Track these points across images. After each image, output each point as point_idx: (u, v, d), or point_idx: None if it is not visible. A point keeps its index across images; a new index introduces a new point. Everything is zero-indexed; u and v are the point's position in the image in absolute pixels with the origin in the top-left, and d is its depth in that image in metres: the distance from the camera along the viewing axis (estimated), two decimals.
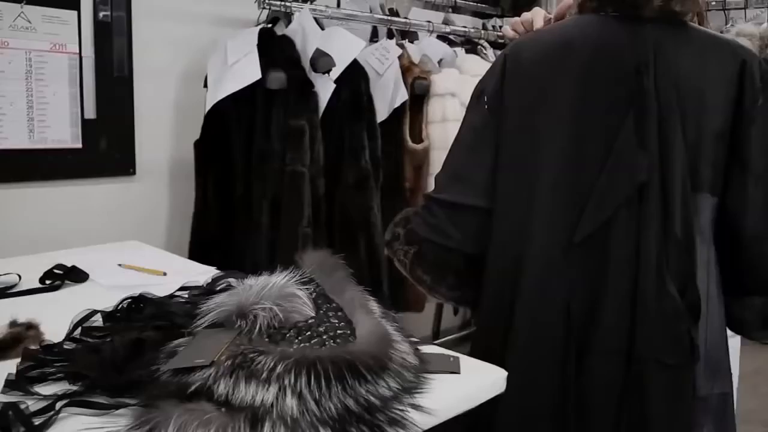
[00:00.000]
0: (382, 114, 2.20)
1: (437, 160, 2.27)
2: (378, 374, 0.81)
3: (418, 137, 2.26)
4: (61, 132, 2.11)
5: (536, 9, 1.62)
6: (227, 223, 2.05)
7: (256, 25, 2.11)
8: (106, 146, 2.19)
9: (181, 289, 1.21)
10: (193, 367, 0.79)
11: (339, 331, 0.89)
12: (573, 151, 1.11)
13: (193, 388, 0.76)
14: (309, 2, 2.19)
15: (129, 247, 1.68)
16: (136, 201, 2.25)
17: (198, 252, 2.07)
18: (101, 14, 2.13)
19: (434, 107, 2.28)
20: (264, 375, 0.76)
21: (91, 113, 2.16)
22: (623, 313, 1.08)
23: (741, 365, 3.38)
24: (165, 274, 1.41)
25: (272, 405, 0.74)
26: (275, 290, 0.91)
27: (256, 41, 1.95)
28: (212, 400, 0.75)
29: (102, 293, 1.25)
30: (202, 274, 1.32)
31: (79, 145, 2.14)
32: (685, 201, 1.08)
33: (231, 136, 2.03)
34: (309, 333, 0.86)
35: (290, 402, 0.74)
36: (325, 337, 0.86)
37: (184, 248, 2.14)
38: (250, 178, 1.98)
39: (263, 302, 0.88)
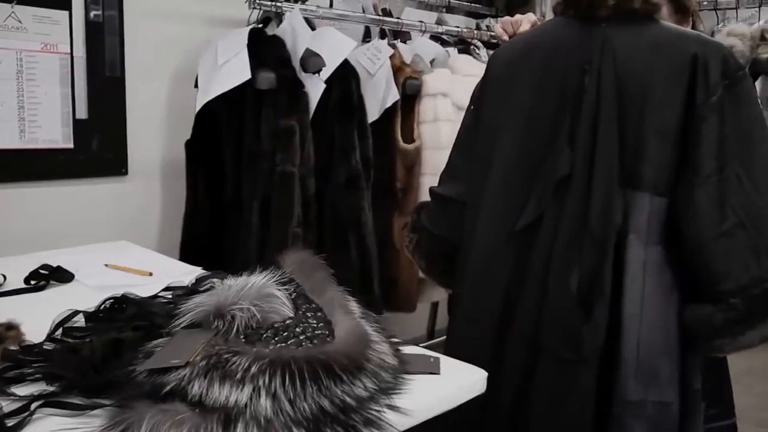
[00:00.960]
0: (373, 114, 2.20)
1: (429, 160, 2.28)
2: (354, 374, 0.81)
3: (409, 137, 2.26)
4: (53, 132, 2.11)
5: (529, 14, 1.64)
6: (218, 223, 2.05)
7: (248, 26, 2.11)
8: (97, 146, 2.19)
9: (166, 289, 1.21)
10: (169, 367, 0.79)
11: (317, 332, 0.89)
12: (523, 146, 1.20)
13: (167, 388, 0.77)
14: (299, 2, 2.19)
15: (117, 248, 1.68)
16: (128, 201, 2.26)
17: (189, 252, 2.07)
18: (92, 14, 2.13)
19: (426, 107, 2.28)
20: (238, 375, 0.76)
21: (82, 113, 2.16)
22: (535, 302, 1.14)
23: (735, 365, 3.38)
24: (151, 274, 1.41)
25: (246, 405, 0.74)
26: (254, 291, 0.91)
27: (246, 41, 1.95)
28: (186, 401, 0.75)
29: (87, 293, 1.25)
30: (188, 274, 1.32)
31: (71, 145, 2.15)
32: (607, 198, 1.09)
33: (221, 136, 2.03)
34: (286, 333, 0.86)
35: (264, 402, 0.74)
36: (302, 337, 0.86)
37: (176, 248, 2.14)
38: (240, 179, 1.98)
39: (241, 303, 0.88)
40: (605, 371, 1.10)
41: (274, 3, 2.10)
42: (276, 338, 0.85)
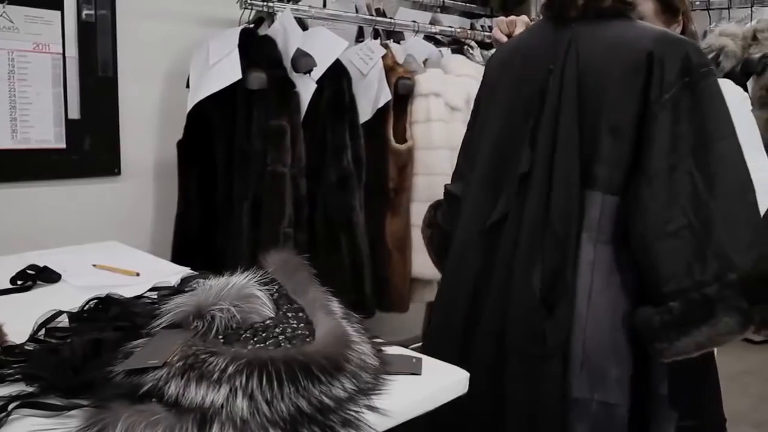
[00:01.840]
0: (366, 114, 2.20)
1: (421, 160, 2.27)
2: (332, 375, 0.81)
3: (401, 137, 2.26)
4: (45, 132, 2.11)
5: (522, 16, 1.66)
6: (209, 223, 2.05)
7: (239, 26, 2.10)
8: (90, 146, 2.19)
9: (152, 289, 1.21)
10: (147, 368, 0.79)
11: (297, 332, 0.89)
12: (499, 146, 1.24)
13: (144, 389, 0.77)
14: (291, 2, 2.19)
15: (105, 248, 1.68)
16: (121, 201, 2.26)
17: (181, 252, 2.07)
18: (84, 13, 2.13)
19: (418, 107, 2.28)
20: (215, 376, 0.76)
21: (75, 113, 2.16)
22: (501, 299, 1.16)
23: (731, 365, 3.39)
24: (138, 274, 1.41)
25: (222, 406, 0.74)
26: (234, 291, 0.92)
27: (237, 41, 1.95)
28: (163, 401, 0.75)
29: (73, 294, 1.25)
30: (176, 274, 1.31)
31: (63, 146, 2.15)
32: (568, 197, 1.10)
33: (213, 136, 2.03)
34: (265, 334, 0.86)
35: (241, 403, 0.74)
36: (281, 338, 0.86)
37: (169, 248, 2.14)
38: (232, 179, 1.98)
39: (221, 303, 0.88)
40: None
41: (265, 3, 2.10)
42: (255, 338, 0.85)
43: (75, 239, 1.81)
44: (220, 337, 0.85)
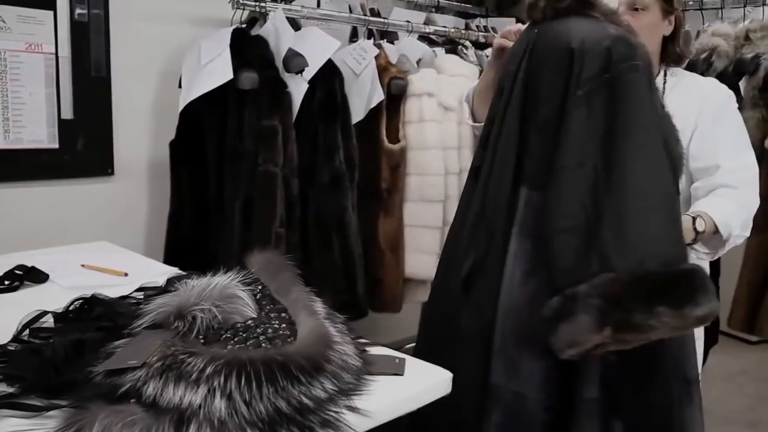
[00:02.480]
0: (359, 114, 2.20)
1: (414, 161, 2.27)
2: (312, 375, 0.81)
3: (395, 137, 2.25)
4: (38, 132, 2.11)
5: (518, 24, 1.68)
6: (201, 223, 2.05)
7: (232, 26, 2.10)
8: (83, 146, 2.19)
9: (138, 289, 1.22)
10: (126, 368, 0.79)
11: (279, 332, 0.89)
12: (480, 146, 1.30)
13: (123, 389, 0.77)
14: (283, 2, 2.18)
15: (96, 248, 1.68)
16: (114, 201, 2.25)
17: (173, 253, 2.07)
18: (77, 12, 2.13)
19: (411, 107, 2.27)
20: (193, 376, 0.76)
21: (68, 113, 2.16)
22: (452, 284, 1.24)
23: (727, 365, 3.39)
24: (126, 274, 1.41)
25: (200, 406, 0.74)
26: (217, 291, 0.92)
27: (229, 41, 1.94)
28: (141, 402, 0.75)
29: (60, 294, 1.25)
30: (164, 274, 1.31)
31: (56, 146, 2.14)
32: (499, 191, 1.15)
33: (205, 136, 2.02)
34: (246, 334, 0.86)
35: (219, 403, 0.74)
36: (262, 338, 0.86)
37: (163, 248, 2.14)
38: (223, 179, 1.98)
39: (203, 303, 0.88)
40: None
41: (257, 3, 2.09)
42: (235, 339, 0.85)
43: (68, 239, 1.81)
44: (201, 337, 0.85)
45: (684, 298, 0.98)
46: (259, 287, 1.00)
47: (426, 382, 0.96)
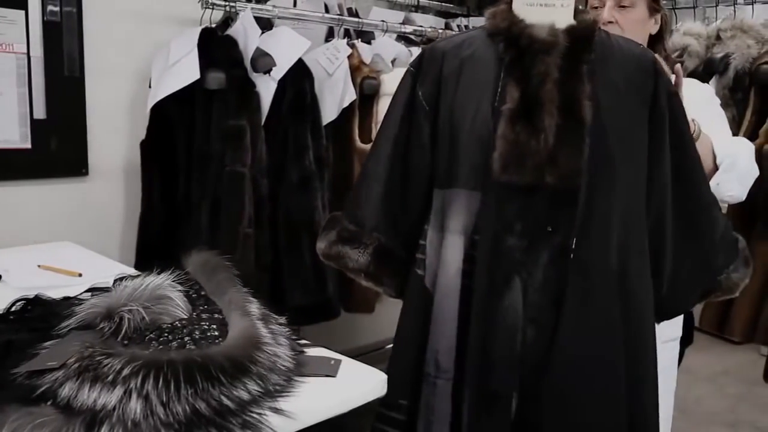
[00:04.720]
0: (332, 114, 2.19)
1: None
2: (234, 377, 0.80)
3: (367, 137, 2.25)
4: (9, 132, 2.10)
5: None
6: (171, 224, 2.04)
7: (201, 26, 2.10)
8: (56, 146, 2.18)
9: (88, 290, 1.21)
10: (45, 369, 0.79)
11: (208, 333, 0.89)
12: None
13: (39, 391, 0.76)
14: (254, 1, 2.17)
15: (56, 248, 1.68)
16: (88, 202, 2.25)
17: (143, 254, 2.06)
18: (49, 11, 2.12)
19: (384, 107, 2.25)
20: (110, 378, 0.75)
21: (41, 113, 2.15)
22: None
23: (709, 366, 3.39)
24: (80, 275, 1.41)
25: (114, 408, 0.74)
26: (148, 292, 0.91)
27: (197, 41, 1.94)
28: (55, 403, 0.75)
29: (9, 294, 1.24)
30: (119, 275, 1.31)
31: (29, 146, 2.14)
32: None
33: (174, 136, 2.02)
34: (171, 335, 0.86)
35: (134, 405, 0.74)
36: (187, 339, 0.86)
37: None
38: (192, 179, 1.98)
39: (131, 304, 0.88)
40: None
41: (227, 3, 2.09)
42: (160, 340, 0.85)
43: (41, 240, 1.80)
44: (125, 339, 0.84)
45: None
46: (195, 287, 0.99)
47: (360, 385, 0.95)
